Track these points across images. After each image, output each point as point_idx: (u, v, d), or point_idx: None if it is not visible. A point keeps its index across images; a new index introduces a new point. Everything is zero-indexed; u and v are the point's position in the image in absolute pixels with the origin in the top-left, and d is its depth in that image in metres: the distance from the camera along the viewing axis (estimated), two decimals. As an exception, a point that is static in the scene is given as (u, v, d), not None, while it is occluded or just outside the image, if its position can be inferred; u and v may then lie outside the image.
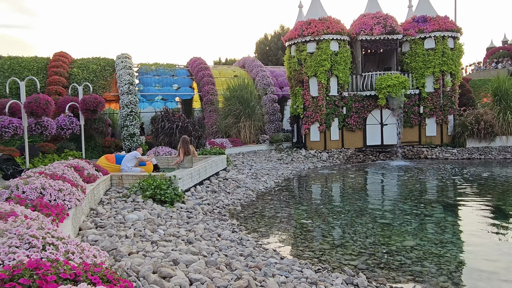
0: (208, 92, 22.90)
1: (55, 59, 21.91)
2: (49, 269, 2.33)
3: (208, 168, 11.47)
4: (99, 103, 16.66)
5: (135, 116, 19.08)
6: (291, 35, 20.39)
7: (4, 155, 8.31)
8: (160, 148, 14.76)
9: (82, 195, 5.90)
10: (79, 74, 21.66)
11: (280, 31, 43.84)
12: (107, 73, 22.44)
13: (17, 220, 3.13)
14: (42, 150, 14.87)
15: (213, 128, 21.38)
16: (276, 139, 20.84)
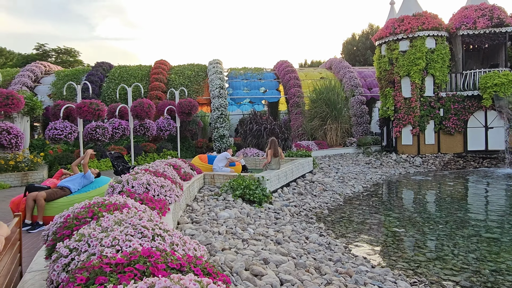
0: (294, 95, 23.01)
1: (156, 67, 24.06)
2: (159, 258, 2.56)
3: (295, 170, 11.52)
4: (193, 106, 17.86)
5: (225, 119, 20.01)
6: (382, 33, 19.47)
7: (115, 153, 9.36)
8: (248, 150, 15.25)
9: (180, 191, 6.36)
10: (176, 79, 23.44)
11: (369, 30, 42.13)
12: (200, 78, 23.91)
13: (130, 211, 3.51)
14: (145, 149, 16.41)
15: (299, 130, 21.41)
16: (364, 142, 20.08)
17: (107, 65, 24.68)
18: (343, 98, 21.31)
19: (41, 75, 24.08)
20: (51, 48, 38.10)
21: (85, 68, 26.00)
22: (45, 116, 17.46)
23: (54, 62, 35.49)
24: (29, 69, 23.40)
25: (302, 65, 48.90)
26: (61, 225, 3.67)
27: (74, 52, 39.15)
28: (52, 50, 38.05)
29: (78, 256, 2.73)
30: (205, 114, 25.44)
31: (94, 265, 2.41)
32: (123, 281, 2.23)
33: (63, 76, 23.32)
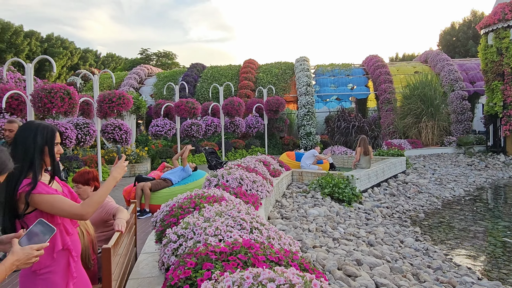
0: (385, 91, 21.87)
1: (245, 66, 24.89)
2: (259, 250, 2.67)
3: (386, 170, 10.98)
4: (280, 104, 18.09)
5: (311, 116, 19.88)
6: (489, 20, 17.43)
7: (209, 148, 9.95)
8: (335, 148, 14.96)
9: (271, 187, 6.52)
10: (264, 78, 23.96)
11: (472, 17, 38.01)
12: (287, 76, 24.08)
13: (228, 204, 3.71)
14: (234, 146, 17.13)
15: (389, 128, 20.30)
16: (466, 142, 18.25)
17: (200, 66, 26.25)
18: (441, 94, 19.62)
19: (145, 77, 26.62)
20: (153, 52, 41.85)
21: (181, 69, 28.01)
22: (148, 114, 19.26)
23: (155, 65, 38.92)
24: (135, 72, 26.04)
25: (393, 59, 46.20)
26: (168, 213, 4.03)
27: (172, 55, 42.43)
28: (153, 54, 41.77)
29: (185, 242, 2.98)
30: (291, 111, 25.58)
31: (201, 252, 2.61)
32: (228, 269, 2.37)
33: (162, 77, 25.45)
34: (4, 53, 30.89)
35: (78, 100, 8.86)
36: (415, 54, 41.41)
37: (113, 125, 10.42)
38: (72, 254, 2.07)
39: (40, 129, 2.02)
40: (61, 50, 34.80)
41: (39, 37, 34.46)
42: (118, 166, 2.21)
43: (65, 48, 35.69)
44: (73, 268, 2.07)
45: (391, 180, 11.03)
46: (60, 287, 2.02)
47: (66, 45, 36.11)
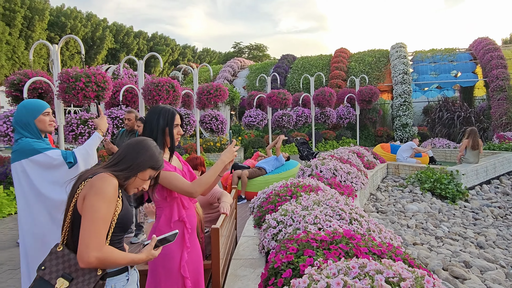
0: (497, 77, 19.41)
1: (336, 55, 24.26)
2: (360, 241, 2.63)
3: (498, 166, 9.81)
4: (374, 93, 17.29)
5: (408, 106, 18.63)
6: None
7: (301, 139, 10.00)
8: (436, 140, 13.81)
9: (366, 179, 6.32)
10: (356, 67, 23.09)
11: None
12: (382, 64, 22.86)
13: (326, 193, 3.70)
14: (324, 137, 16.91)
15: (502, 119, 18.00)
16: None
17: (291, 57, 26.32)
18: None
19: (238, 70, 27.68)
20: (245, 46, 43.22)
21: (272, 61, 28.44)
22: (241, 105, 20.02)
23: (247, 58, 40.19)
24: (229, 65, 27.24)
25: (506, 41, 40.65)
26: (265, 200, 4.18)
27: (263, 47, 43.32)
28: (245, 47, 43.14)
29: (285, 229, 3.07)
30: (385, 101, 24.26)
31: (301, 239, 2.66)
32: (329, 257, 2.38)
33: (254, 69, 26.17)
34: (118, 52, 34.79)
35: (181, 92, 9.59)
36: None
37: (210, 115, 11.08)
38: (187, 226, 2.26)
39: (162, 112, 2.24)
40: (164, 48, 37.95)
41: (146, 36, 38.03)
42: (227, 151, 2.26)
43: (167, 45, 38.84)
44: (187, 239, 2.26)
45: (504, 177, 9.83)
46: (175, 254, 2.23)
47: (168, 42, 39.28)
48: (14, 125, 2.60)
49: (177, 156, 2.45)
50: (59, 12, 34.08)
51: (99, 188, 1.51)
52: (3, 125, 5.92)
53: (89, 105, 8.32)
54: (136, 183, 1.72)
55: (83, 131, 6.88)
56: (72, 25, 33.61)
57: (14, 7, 29.35)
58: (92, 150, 2.74)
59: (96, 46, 34.46)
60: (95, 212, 1.48)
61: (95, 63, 33.97)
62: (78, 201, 1.55)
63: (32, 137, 2.61)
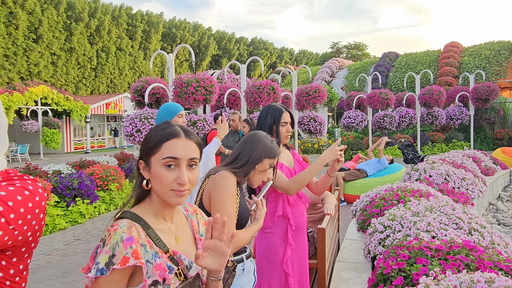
0: None
1: (446, 50, 22.19)
2: (483, 254, 2.38)
3: None
4: (492, 91, 15.35)
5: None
6: None
7: (406, 141, 9.40)
8: None
9: (484, 187, 5.68)
10: (470, 62, 20.82)
11: None
12: (502, 58, 20.22)
13: (439, 200, 3.43)
14: (432, 139, 15.60)
15: None
16: None
17: (393, 54, 24.90)
18: None
19: (336, 70, 27.19)
20: (343, 45, 42.23)
21: (373, 59, 27.26)
22: (339, 106, 19.61)
23: (345, 57, 39.19)
24: (326, 66, 26.93)
25: None
26: (369, 204, 4.04)
27: (362, 45, 41.77)
28: (343, 46, 42.14)
29: (393, 234, 2.93)
30: (506, 100, 21.37)
31: (413, 246, 2.52)
32: (447, 268, 2.21)
33: (353, 69, 25.41)
34: (221, 58, 37.05)
35: (280, 94, 9.81)
36: None
37: (308, 117, 11.10)
38: (290, 223, 2.28)
39: (271, 110, 2.32)
40: (263, 51, 39.21)
41: (246, 41, 39.80)
42: (329, 149, 2.14)
43: (265, 49, 40.04)
44: (291, 236, 2.28)
45: None
46: (279, 249, 2.28)
47: (266, 46, 40.47)
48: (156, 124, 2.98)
49: (293, 154, 2.47)
50: (171, 24, 37.68)
51: (223, 186, 1.63)
52: (128, 126, 6.77)
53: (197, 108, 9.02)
54: (258, 176, 1.80)
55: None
56: (181, 35, 36.86)
57: (136, 23, 33.37)
58: (212, 154, 2.97)
59: (201, 53, 37.25)
60: (224, 209, 1.58)
61: (200, 69, 36.77)
62: (204, 197, 1.70)
63: None
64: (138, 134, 6.50)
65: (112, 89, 32.19)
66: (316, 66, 30.25)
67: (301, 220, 2.38)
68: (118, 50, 31.87)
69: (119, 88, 32.34)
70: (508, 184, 8.10)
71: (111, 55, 31.23)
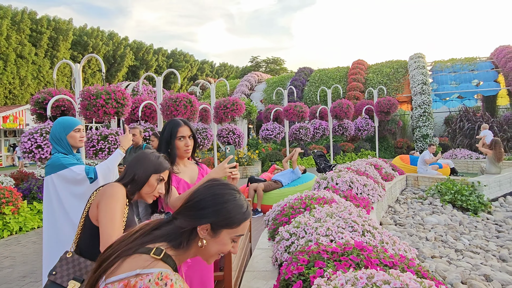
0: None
1: (354, 67, 24.21)
2: (372, 252, 2.63)
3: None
4: (392, 104, 17.11)
5: (428, 117, 18.34)
6: None
7: (318, 151, 9.99)
8: (457, 151, 13.51)
9: (383, 191, 6.25)
10: (374, 78, 22.97)
11: None
12: (400, 75, 22.67)
13: (339, 206, 3.70)
14: (343, 149, 16.79)
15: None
16: None
17: (308, 70, 26.43)
18: None
19: (255, 84, 27.95)
20: (262, 59, 43.67)
21: (290, 74, 28.60)
22: (258, 119, 20.15)
23: (264, 71, 40.54)
24: (246, 79, 27.56)
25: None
26: (279, 213, 4.20)
27: (280, 60, 43.65)
28: (262, 61, 43.59)
29: (297, 241, 3.09)
30: (405, 112, 23.96)
31: (313, 250, 2.68)
32: (340, 268, 2.39)
33: (271, 83, 26.37)
34: (138, 69, 35.75)
35: (198, 107, 9.79)
36: (562, 41, 34.86)
37: (227, 129, 11.22)
38: None
39: (168, 124, 2.30)
40: (183, 64, 38.79)
41: (165, 53, 39.00)
42: (218, 167, 2.08)
43: (186, 61, 39.69)
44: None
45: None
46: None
47: (187, 58, 40.14)
48: (50, 140, 2.76)
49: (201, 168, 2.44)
50: (82, 32, 35.44)
51: (111, 191, 1.60)
52: (27, 142, 6.19)
53: (109, 122, 8.59)
54: (147, 190, 1.79)
55: (103, 147, 7.10)
56: (94, 43, 34.82)
57: (41, 29, 30.72)
58: (113, 166, 2.85)
59: (117, 64, 35.56)
60: (112, 212, 1.55)
61: (116, 80, 35.03)
62: (91, 209, 1.64)
63: (64, 152, 2.75)
64: (39, 151, 5.95)
65: (12, 101, 29.06)
66: (237, 79, 30.82)
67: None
68: (19, 58, 28.95)
69: (20, 99, 29.31)
70: (404, 188, 9.03)
71: (10, 63, 28.21)
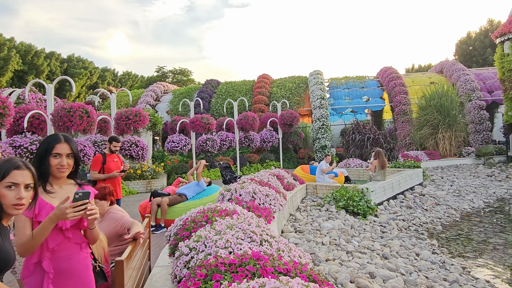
0: (400, 102, 21.73)
1: (259, 81, 25.17)
2: (268, 261, 2.72)
3: (402, 182, 10.84)
4: (295, 117, 18.17)
5: (326, 129, 19.87)
6: (504, 29, 17.26)
7: (224, 163, 10.08)
8: (350, 160, 14.87)
9: (284, 201, 6.54)
10: (278, 92, 24.16)
11: (488, 26, 37.65)
12: (301, 90, 24.22)
13: (240, 217, 3.77)
14: (249, 160, 17.21)
15: (406, 140, 20.09)
16: (485, 152, 17.88)
17: (215, 82, 26.67)
18: (458, 104, 19.38)
19: (161, 94, 27.20)
20: (169, 70, 42.78)
21: (197, 86, 28.53)
22: (164, 130, 19.63)
23: (171, 82, 39.74)
24: (151, 90, 26.66)
25: (409, 70, 45.91)
26: (181, 227, 4.11)
27: (187, 71, 43.28)
28: (169, 71, 42.70)
29: (197, 255, 3.05)
30: (306, 125, 25.64)
31: (211, 264, 2.67)
32: (236, 279, 2.43)
33: (178, 94, 25.96)
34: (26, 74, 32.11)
35: (96, 118, 9.15)
36: (431, 65, 41.09)
37: (130, 141, 10.68)
38: (48, 271, 1.96)
39: (46, 139, 2.11)
40: (81, 70, 35.96)
41: (59, 57, 35.73)
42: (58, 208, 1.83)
43: (84, 68, 36.87)
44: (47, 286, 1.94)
45: (407, 192, 10.89)
46: None
47: (86, 65, 37.32)
48: None
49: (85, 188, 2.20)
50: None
51: None
52: None
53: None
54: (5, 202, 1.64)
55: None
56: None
57: None
58: None
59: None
60: None
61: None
62: None
63: None
64: None
65: None
66: (141, 89, 29.66)
67: (68, 264, 2.06)
68: None
69: None
70: (305, 196, 9.59)
71: None
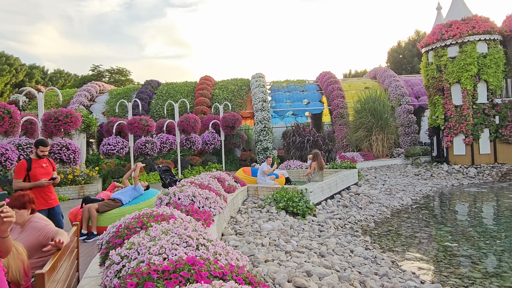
0: (337, 106, 22.75)
1: (201, 83, 24.89)
2: (203, 266, 2.66)
3: (339, 182, 11.33)
4: (237, 120, 18.21)
5: (268, 131, 20.17)
6: (428, 40, 18.81)
7: (163, 166, 9.79)
8: (291, 162, 15.23)
9: (224, 203, 6.50)
10: (220, 94, 24.07)
11: (415, 37, 40.86)
12: (243, 92, 24.36)
13: (176, 222, 3.66)
14: (191, 163, 16.92)
15: (343, 141, 21.07)
16: (413, 153, 19.32)
17: (155, 82, 25.90)
18: (389, 108, 20.74)
19: (96, 94, 25.79)
20: (105, 69, 40.73)
21: (136, 86, 27.48)
22: (100, 132, 18.63)
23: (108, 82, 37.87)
24: (85, 89, 25.17)
25: (346, 75, 48.28)
26: (114, 235, 3.90)
27: (126, 71, 41.53)
28: (106, 70, 40.66)
29: (129, 263, 2.90)
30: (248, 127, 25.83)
31: (143, 272, 2.55)
32: (169, 287, 2.34)
33: (115, 94, 24.80)
34: None
35: (20, 119, 8.42)
36: (367, 70, 43.59)
37: (60, 144, 9.96)
38: None
39: None
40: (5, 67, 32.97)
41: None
42: None
43: (9, 64, 33.86)
44: None
45: (344, 192, 11.39)
46: None
47: (10, 61, 34.29)
48: None
49: None
50: None
51: None
52: None
53: None
54: None
55: None
56: None
57: None
58: None
59: None
60: None
61: None
62: None
63: None
64: None
65: None
66: (75, 89, 27.89)
67: None
68: None
69: None
70: (246, 198, 9.63)
71: None
